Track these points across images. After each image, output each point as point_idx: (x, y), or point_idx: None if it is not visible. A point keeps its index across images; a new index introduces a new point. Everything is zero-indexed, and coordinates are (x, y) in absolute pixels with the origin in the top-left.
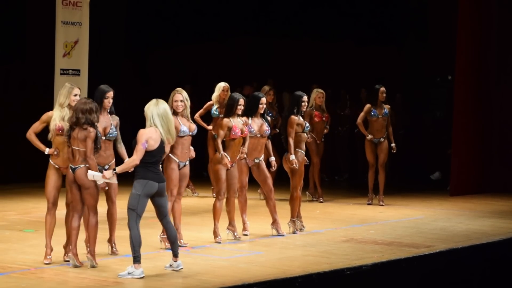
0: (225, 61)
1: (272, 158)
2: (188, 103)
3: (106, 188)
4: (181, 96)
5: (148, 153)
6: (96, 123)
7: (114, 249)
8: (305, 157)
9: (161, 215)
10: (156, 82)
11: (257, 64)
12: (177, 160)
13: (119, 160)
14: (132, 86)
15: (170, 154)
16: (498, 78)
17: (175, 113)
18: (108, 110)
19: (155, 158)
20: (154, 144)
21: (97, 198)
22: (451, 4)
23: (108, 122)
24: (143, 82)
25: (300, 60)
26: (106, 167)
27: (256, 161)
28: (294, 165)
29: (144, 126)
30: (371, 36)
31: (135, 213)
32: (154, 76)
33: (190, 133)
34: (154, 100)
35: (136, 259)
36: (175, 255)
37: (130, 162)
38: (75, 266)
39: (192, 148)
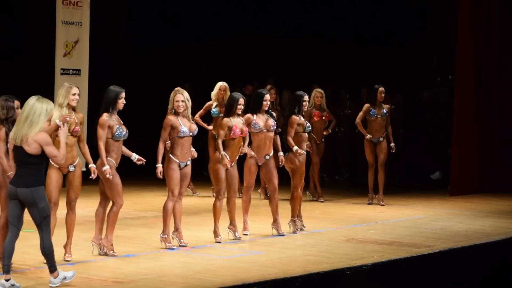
0: (225, 61)
1: (281, 153)
2: (190, 104)
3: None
4: (183, 96)
5: None
6: (7, 121)
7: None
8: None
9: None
10: (156, 82)
11: (257, 64)
12: (177, 161)
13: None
14: (132, 86)
15: (170, 155)
16: (498, 77)
17: (176, 113)
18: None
19: (15, 159)
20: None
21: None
22: (451, 4)
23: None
24: (143, 82)
25: (300, 60)
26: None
27: (267, 157)
28: (302, 152)
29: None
30: (371, 36)
31: None
32: (154, 76)
33: (191, 134)
34: (35, 96)
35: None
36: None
37: None
38: None
39: (193, 149)
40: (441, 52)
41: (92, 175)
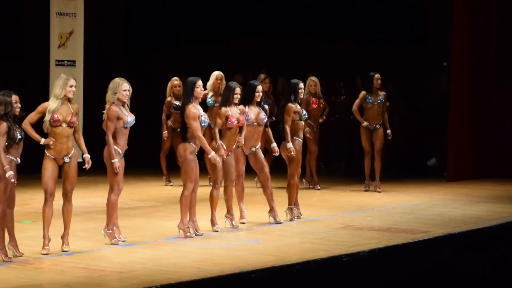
0: (225, 61)
1: (274, 144)
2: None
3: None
4: (128, 85)
5: None
6: (7, 116)
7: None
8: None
9: None
10: (156, 82)
11: (257, 64)
12: (121, 152)
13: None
14: (132, 86)
15: (115, 147)
16: (496, 65)
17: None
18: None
19: None
20: None
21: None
22: (451, 4)
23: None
24: (143, 82)
25: (300, 60)
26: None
27: (253, 149)
28: (292, 153)
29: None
30: (371, 36)
31: None
32: (154, 76)
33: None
34: None
35: None
36: None
37: None
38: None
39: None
40: (441, 52)
41: (86, 165)
